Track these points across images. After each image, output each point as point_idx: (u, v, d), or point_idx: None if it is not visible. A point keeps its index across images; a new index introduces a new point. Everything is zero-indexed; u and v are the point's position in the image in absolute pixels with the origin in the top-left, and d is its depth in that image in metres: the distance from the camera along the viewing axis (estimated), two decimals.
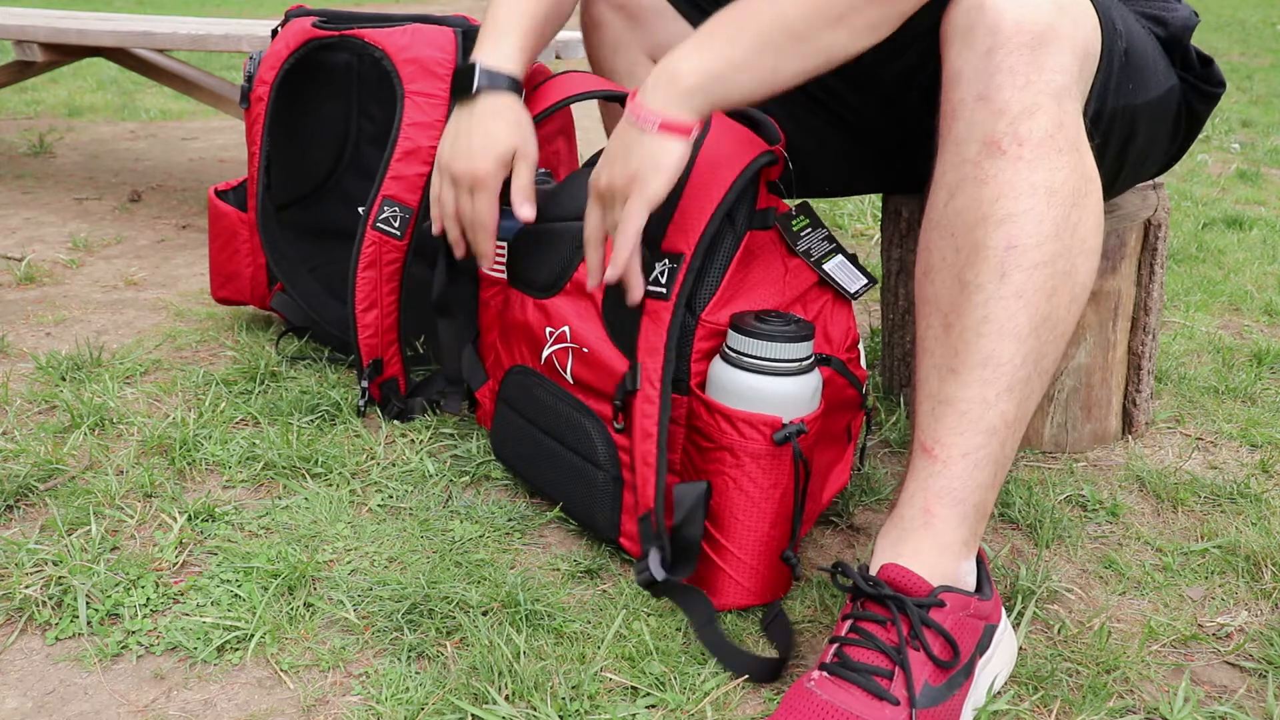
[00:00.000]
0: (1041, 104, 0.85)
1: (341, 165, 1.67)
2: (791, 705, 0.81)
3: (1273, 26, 8.04)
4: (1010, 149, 0.84)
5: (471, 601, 1.00)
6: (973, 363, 0.86)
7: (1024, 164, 0.84)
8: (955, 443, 0.87)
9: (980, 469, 0.87)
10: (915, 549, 0.87)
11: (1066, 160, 0.85)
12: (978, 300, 0.86)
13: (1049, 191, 0.85)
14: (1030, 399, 0.88)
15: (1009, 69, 0.85)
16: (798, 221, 1.07)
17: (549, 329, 1.13)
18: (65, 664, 0.93)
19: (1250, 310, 1.88)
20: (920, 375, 0.91)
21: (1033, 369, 0.86)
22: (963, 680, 0.84)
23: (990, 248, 0.85)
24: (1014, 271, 0.84)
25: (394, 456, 1.29)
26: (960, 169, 0.87)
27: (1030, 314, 0.85)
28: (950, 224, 0.88)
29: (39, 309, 1.81)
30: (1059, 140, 0.85)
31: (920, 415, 0.90)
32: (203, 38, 2.16)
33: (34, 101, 4.14)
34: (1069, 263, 0.86)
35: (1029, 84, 0.84)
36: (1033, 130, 0.84)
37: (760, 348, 0.95)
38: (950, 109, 0.89)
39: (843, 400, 1.07)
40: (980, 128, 0.86)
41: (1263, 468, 1.30)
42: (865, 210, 2.61)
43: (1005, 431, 0.87)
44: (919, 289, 0.92)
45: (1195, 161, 3.30)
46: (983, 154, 0.85)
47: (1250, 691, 0.93)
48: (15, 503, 1.17)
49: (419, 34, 1.41)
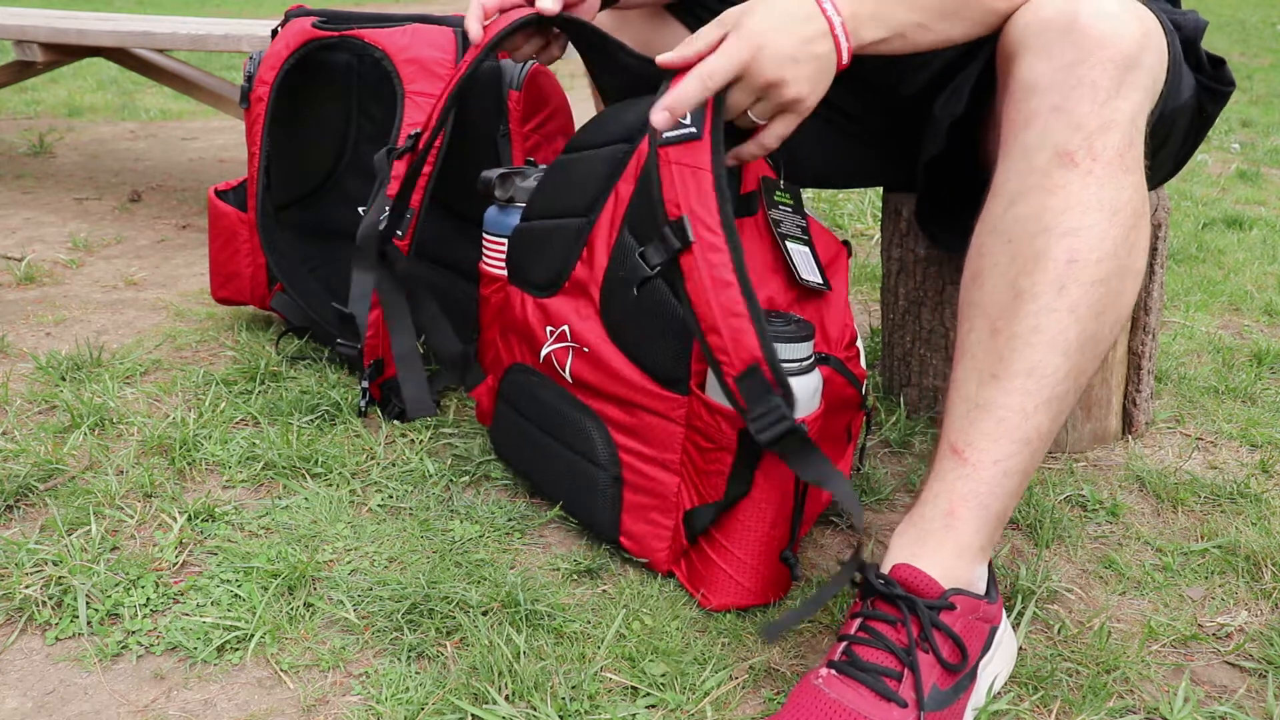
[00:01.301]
0: (1118, 122, 0.85)
1: (341, 165, 1.67)
2: (799, 702, 0.81)
3: (1273, 26, 8.04)
4: (1083, 163, 0.85)
5: (471, 601, 1.00)
6: (1017, 371, 0.86)
7: (1094, 179, 0.85)
8: (989, 449, 0.86)
9: (1009, 478, 0.87)
10: (934, 550, 0.87)
11: (1132, 181, 0.86)
12: (1031, 310, 0.85)
13: (1114, 210, 0.85)
14: (1063, 414, 0.88)
15: (1091, 83, 0.85)
16: (781, 195, 1.05)
17: (549, 327, 1.13)
18: (65, 664, 0.93)
19: (1250, 310, 1.88)
20: (958, 376, 0.90)
21: (1071, 385, 0.87)
22: (968, 684, 0.84)
23: (1052, 259, 0.85)
24: (1072, 285, 0.85)
25: (394, 456, 1.29)
26: (1027, 177, 0.87)
27: (1080, 330, 0.85)
28: (1009, 230, 0.88)
29: (39, 309, 1.81)
30: (1128, 159, 0.86)
31: (953, 417, 0.90)
32: (203, 38, 2.16)
33: (34, 101, 4.14)
34: (1121, 283, 0.86)
35: (1109, 101, 0.85)
36: (1107, 147, 0.85)
37: None
38: (1022, 117, 0.88)
39: (842, 399, 1.06)
40: (1054, 138, 0.86)
41: (1263, 468, 1.30)
42: (865, 210, 2.61)
43: (1038, 443, 0.87)
44: (965, 292, 0.92)
45: (1195, 161, 3.30)
46: (1053, 164, 0.86)
47: (1250, 691, 0.93)
48: (15, 503, 1.17)
49: (419, 34, 1.41)
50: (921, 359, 1.41)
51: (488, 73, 1.46)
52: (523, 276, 1.18)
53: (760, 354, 0.87)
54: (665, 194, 0.92)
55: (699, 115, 0.91)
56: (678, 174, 0.92)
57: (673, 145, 0.92)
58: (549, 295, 1.13)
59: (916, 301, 1.40)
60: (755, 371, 0.87)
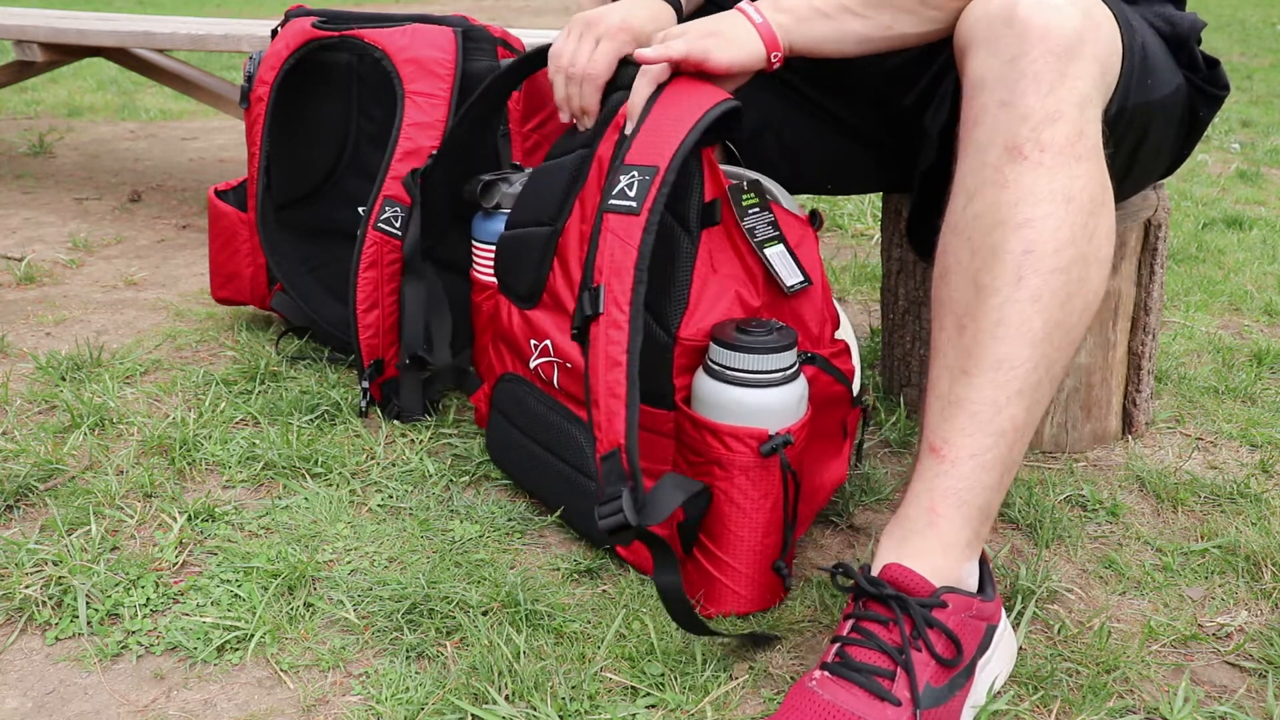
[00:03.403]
0: (1064, 111, 0.85)
1: (341, 165, 1.67)
2: (793, 705, 0.81)
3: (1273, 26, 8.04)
4: (1032, 155, 0.85)
5: (471, 601, 1.00)
6: (985, 365, 0.86)
7: (1045, 170, 0.85)
8: (964, 444, 0.87)
9: (987, 471, 0.87)
10: (920, 549, 0.87)
11: (1085, 168, 0.86)
12: (993, 304, 0.86)
13: (1067, 199, 0.85)
14: (1039, 404, 0.88)
15: (1034, 75, 0.85)
16: (747, 198, 1.04)
17: (533, 341, 1.13)
18: (65, 664, 0.93)
19: (1250, 310, 1.88)
20: (932, 376, 0.91)
21: (1044, 374, 0.87)
22: (964, 681, 0.84)
23: (1008, 251, 0.85)
24: (1031, 276, 0.85)
25: (394, 456, 1.29)
26: (980, 173, 0.87)
27: (1045, 319, 0.85)
28: (968, 227, 0.88)
29: (39, 309, 1.81)
30: (1079, 148, 0.86)
31: (930, 416, 0.90)
32: (203, 38, 2.16)
33: (34, 101, 4.14)
34: (1084, 270, 0.86)
35: (1053, 91, 0.85)
36: (1055, 137, 0.85)
37: (743, 360, 0.94)
38: (972, 114, 0.89)
39: (831, 397, 1.06)
40: (1003, 133, 0.86)
41: (1263, 468, 1.30)
42: (865, 210, 2.61)
43: (1014, 435, 0.87)
44: (935, 291, 0.92)
45: (1195, 161, 3.30)
46: (1004, 159, 0.86)
47: (1250, 691, 0.93)
48: (15, 503, 1.17)
49: (419, 34, 1.41)
50: (921, 359, 1.41)
51: (487, 73, 1.46)
52: (507, 285, 1.18)
53: (623, 441, 0.88)
54: (596, 258, 0.95)
55: (643, 192, 0.93)
56: (611, 242, 0.94)
57: (615, 214, 0.95)
58: (531, 306, 1.14)
59: (916, 301, 1.40)
60: (615, 456, 0.88)
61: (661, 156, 0.95)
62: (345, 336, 1.53)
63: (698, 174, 1.01)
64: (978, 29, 0.89)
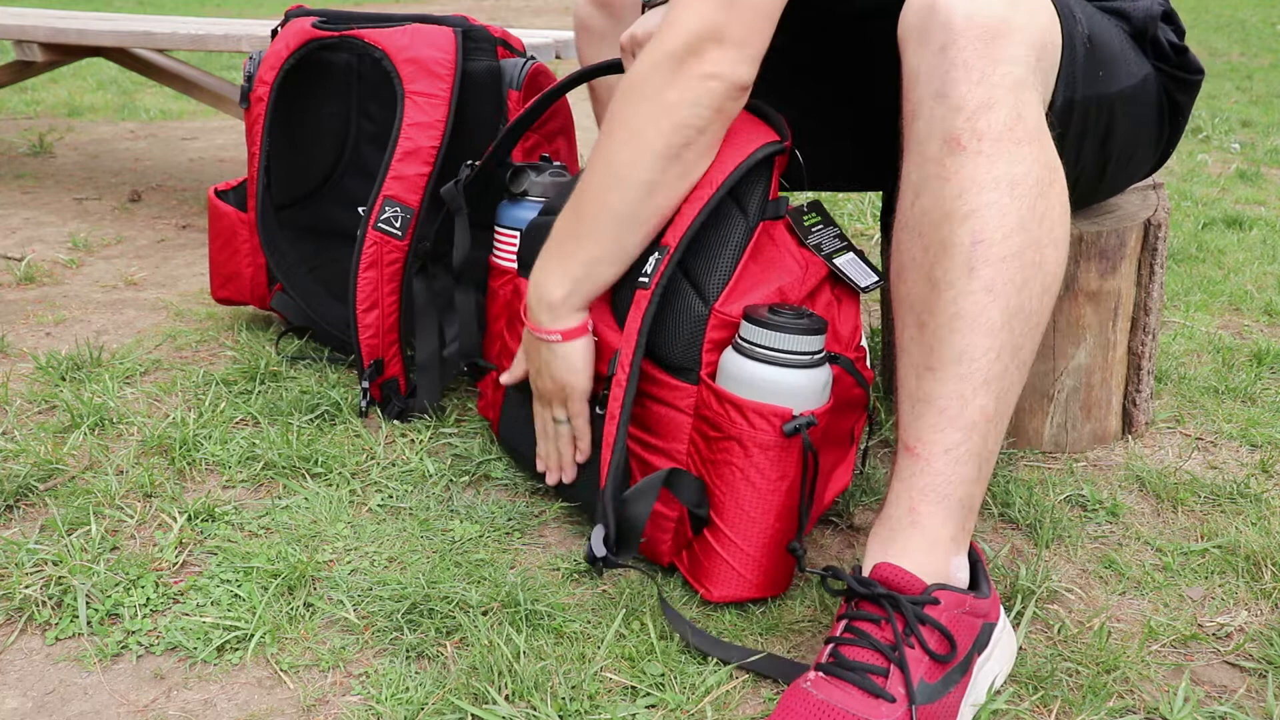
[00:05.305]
0: (998, 97, 0.85)
1: (341, 165, 1.67)
2: (788, 706, 0.81)
3: (1273, 26, 8.04)
4: (970, 144, 0.85)
5: (471, 601, 1.00)
6: (947, 359, 0.86)
7: (984, 158, 0.84)
8: (936, 440, 0.87)
9: (962, 464, 0.87)
10: (904, 548, 0.87)
11: (1027, 151, 0.85)
12: (948, 297, 0.86)
13: (1011, 184, 0.84)
14: (1009, 392, 0.88)
15: (963, 64, 0.85)
16: (809, 217, 1.07)
17: None
18: (65, 664, 0.93)
19: (1250, 310, 1.88)
20: (900, 376, 0.91)
21: (1009, 361, 0.86)
22: (959, 677, 0.84)
23: (956, 244, 0.85)
24: (982, 266, 0.84)
25: (394, 456, 1.29)
26: (923, 168, 0.87)
27: (1001, 307, 0.85)
28: (917, 224, 0.88)
29: (39, 309, 1.81)
30: (1018, 132, 0.85)
31: (902, 415, 0.91)
32: (203, 38, 2.16)
33: (34, 101, 4.15)
34: (1038, 254, 0.86)
35: (984, 78, 0.85)
36: (991, 124, 0.84)
37: (773, 339, 0.95)
38: (910, 109, 0.89)
39: (850, 400, 1.07)
40: (939, 125, 0.86)
41: (1263, 468, 1.30)
42: (865, 210, 2.61)
43: (986, 426, 0.87)
44: (894, 289, 0.93)
45: (1195, 161, 3.30)
46: (944, 151, 0.86)
47: (1250, 691, 0.93)
48: (15, 503, 1.17)
49: (419, 34, 1.41)
50: None
51: (487, 73, 1.46)
52: (530, 268, 1.18)
53: (603, 485, 0.98)
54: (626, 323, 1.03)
55: (655, 267, 1.01)
56: (631, 310, 1.02)
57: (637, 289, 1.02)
58: None
59: None
60: (602, 497, 0.98)
61: (675, 235, 1.01)
62: (345, 336, 1.53)
63: (766, 175, 1.03)
64: (909, 23, 0.89)
